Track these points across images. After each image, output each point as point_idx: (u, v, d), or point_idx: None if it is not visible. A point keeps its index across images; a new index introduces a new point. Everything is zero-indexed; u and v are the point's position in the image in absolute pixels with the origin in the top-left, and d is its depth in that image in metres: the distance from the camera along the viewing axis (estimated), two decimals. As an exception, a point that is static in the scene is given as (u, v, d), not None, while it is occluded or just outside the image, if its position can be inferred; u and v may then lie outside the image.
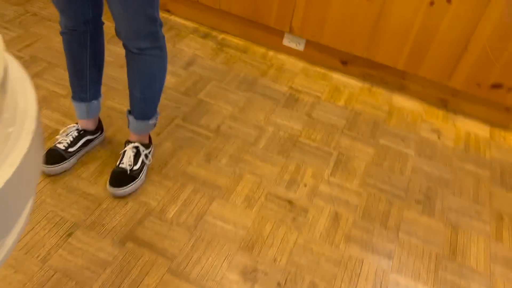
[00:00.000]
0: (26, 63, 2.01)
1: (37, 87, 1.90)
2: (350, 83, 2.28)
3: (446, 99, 2.20)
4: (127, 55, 1.39)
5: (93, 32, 1.40)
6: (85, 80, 1.48)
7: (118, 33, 1.31)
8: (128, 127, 1.55)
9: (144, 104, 1.48)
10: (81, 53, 1.42)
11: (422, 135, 2.02)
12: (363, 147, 1.90)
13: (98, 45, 1.46)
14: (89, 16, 1.34)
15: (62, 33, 1.40)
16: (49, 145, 1.64)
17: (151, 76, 1.42)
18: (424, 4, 1.91)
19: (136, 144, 1.56)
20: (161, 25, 1.34)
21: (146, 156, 1.59)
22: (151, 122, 1.54)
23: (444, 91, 2.18)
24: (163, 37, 1.38)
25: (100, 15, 1.40)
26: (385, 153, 1.90)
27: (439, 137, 2.03)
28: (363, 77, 2.30)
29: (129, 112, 1.53)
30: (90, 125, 1.60)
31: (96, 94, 1.54)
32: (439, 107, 2.21)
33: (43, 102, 1.83)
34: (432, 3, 1.90)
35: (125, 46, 1.35)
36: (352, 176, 1.76)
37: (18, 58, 2.03)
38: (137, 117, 1.51)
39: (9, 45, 2.10)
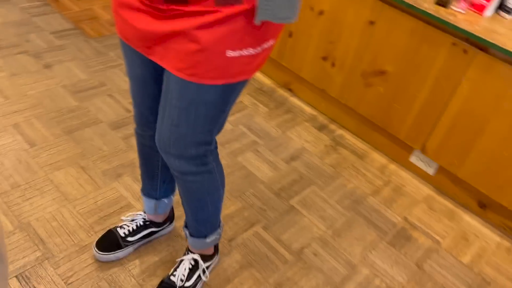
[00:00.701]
0: (130, 119, 1.96)
1: (130, 148, 1.81)
2: (484, 233, 1.78)
3: None
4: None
5: None
6: (156, 180, 1.29)
7: (157, 141, 1.03)
8: (186, 238, 1.33)
9: (197, 224, 1.24)
10: (152, 156, 1.24)
11: None
12: (482, 338, 1.40)
13: None
14: None
15: (135, 132, 1.23)
16: (113, 222, 1.50)
17: (199, 201, 1.16)
18: None
19: (196, 256, 1.32)
20: (215, 147, 1.09)
21: (204, 271, 1.34)
22: (209, 240, 1.28)
23: None
24: (214, 159, 1.10)
25: None
26: None
27: None
28: (504, 230, 1.79)
29: (185, 225, 1.30)
30: (158, 218, 1.42)
31: (167, 192, 1.34)
32: None
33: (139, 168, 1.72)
34: None
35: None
36: None
37: (127, 111, 1.99)
38: (192, 235, 1.27)
39: (126, 96, 2.08)
